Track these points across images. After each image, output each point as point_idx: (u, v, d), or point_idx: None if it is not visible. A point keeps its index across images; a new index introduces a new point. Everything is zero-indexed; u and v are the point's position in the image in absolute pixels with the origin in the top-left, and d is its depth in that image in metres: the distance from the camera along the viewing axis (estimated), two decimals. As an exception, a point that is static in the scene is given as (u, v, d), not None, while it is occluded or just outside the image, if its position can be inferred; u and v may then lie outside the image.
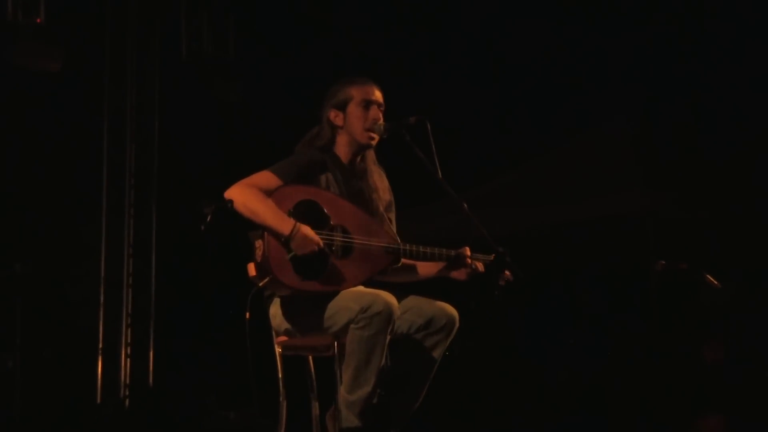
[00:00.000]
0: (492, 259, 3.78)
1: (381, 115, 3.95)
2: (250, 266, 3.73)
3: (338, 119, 3.95)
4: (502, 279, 3.76)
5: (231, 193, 3.74)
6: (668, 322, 6.77)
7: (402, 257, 3.87)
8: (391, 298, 3.65)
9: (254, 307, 3.73)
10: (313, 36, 7.50)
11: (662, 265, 5.34)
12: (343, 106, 3.95)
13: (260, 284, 3.71)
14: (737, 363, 6.07)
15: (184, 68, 7.43)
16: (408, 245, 3.85)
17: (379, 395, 3.71)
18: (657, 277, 5.94)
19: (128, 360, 7.20)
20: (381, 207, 3.97)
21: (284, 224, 3.67)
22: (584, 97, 7.38)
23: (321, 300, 3.74)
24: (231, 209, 3.72)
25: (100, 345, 7.17)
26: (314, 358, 4.00)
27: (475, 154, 7.31)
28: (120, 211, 7.35)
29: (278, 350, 3.92)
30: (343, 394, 3.68)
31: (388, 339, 3.66)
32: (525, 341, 7.29)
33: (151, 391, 7.22)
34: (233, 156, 6.99)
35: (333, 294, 3.73)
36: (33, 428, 6.43)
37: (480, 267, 3.92)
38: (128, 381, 7.16)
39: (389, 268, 3.88)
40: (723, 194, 6.93)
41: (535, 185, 7.49)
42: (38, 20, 6.67)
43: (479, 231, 3.70)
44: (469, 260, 3.90)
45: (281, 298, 3.85)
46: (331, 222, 3.79)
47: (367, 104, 3.94)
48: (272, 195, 3.73)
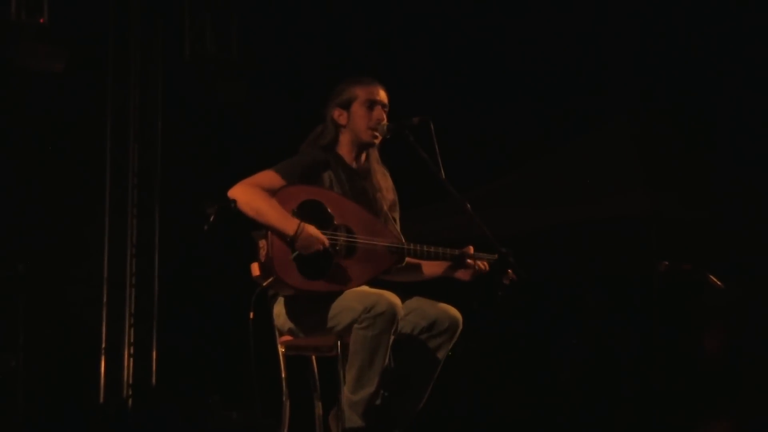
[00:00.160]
0: (495, 259, 3.78)
1: (385, 116, 3.95)
2: (254, 266, 3.73)
3: (342, 118, 3.95)
4: (506, 279, 3.76)
5: (234, 193, 3.73)
6: (671, 323, 6.76)
7: (406, 257, 3.87)
8: (395, 299, 3.65)
9: (258, 307, 3.73)
10: (316, 36, 7.50)
11: (665, 266, 5.33)
12: (348, 106, 3.94)
13: (264, 284, 3.71)
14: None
15: (188, 68, 7.43)
16: (412, 245, 3.85)
17: (383, 396, 3.70)
18: (660, 278, 5.92)
19: (131, 360, 7.20)
20: (385, 206, 3.96)
21: (289, 224, 3.66)
22: (584, 98, 7.37)
23: (324, 300, 3.74)
24: (234, 209, 3.72)
25: (103, 345, 7.17)
26: (317, 358, 4.00)
27: (477, 155, 7.30)
28: (123, 211, 7.35)
29: (281, 350, 3.91)
30: (347, 394, 3.68)
31: (392, 339, 3.66)
32: (527, 342, 7.28)
33: (154, 391, 7.21)
34: (236, 156, 6.99)
35: (337, 294, 3.72)
36: (36, 428, 6.43)
37: (483, 266, 3.91)
38: (131, 381, 7.16)
39: (393, 268, 3.88)
40: (724, 194, 6.92)
41: (538, 186, 7.48)
42: (41, 20, 6.66)
43: (482, 231, 3.70)
44: (473, 260, 3.90)
45: (285, 298, 3.85)
46: (335, 222, 3.79)
47: (372, 104, 3.94)
48: (276, 195, 3.72)
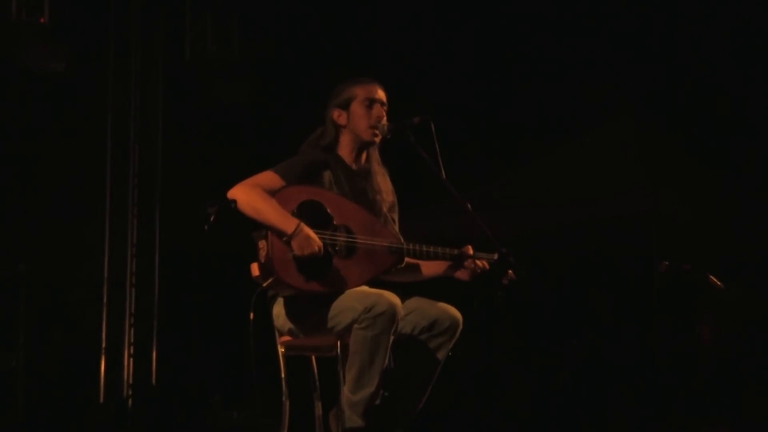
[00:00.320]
0: (495, 259, 3.78)
1: (384, 114, 3.95)
2: (254, 266, 3.73)
3: (342, 118, 3.95)
4: (506, 279, 3.76)
5: (234, 193, 3.73)
6: (671, 323, 6.76)
7: (405, 257, 3.87)
8: (395, 299, 3.65)
9: (257, 307, 3.73)
10: (316, 36, 7.50)
11: (665, 266, 5.32)
12: (347, 105, 3.95)
13: (264, 284, 3.70)
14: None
15: (188, 68, 7.43)
16: (411, 245, 3.85)
17: (383, 396, 3.70)
18: (660, 278, 5.92)
19: (131, 360, 7.19)
20: (384, 208, 3.97)
21: (288, 223, 3.66)
22: (584, 98, 7.36)
23: (324, 300, 3.73)
24: (234, 209, 3.72)
25: (103, 344, 7.16)
26: (317, 358, 4.00)
27: (478, 155, 7.30)
28: (123, 211, 7.34)
29: (281, 350, 3.91)
30: (347, 394, 3.68)
31: (392, 339, 3.65)
32: (528, 342, 7.28)
33: (154, 391, 7.21)
34: (236, 156, 6.98)
35: (337, 294, 3.72)
36: (36, 428, 6.43)
37: (484, 265, 3.91)
38: (131, 381, 7.16)
39: (393, 268, 3.87)
40: (725, 194, 6.92)
41: (538, 186, 7.48)
42: (42, 20, 6.66)
43: (483, 231, 3.70)
44: (473, 259, 3.90)
45: (284, 298, 3.84)
46: (335, 222, 3.79)
47: (371, 103, 3.94)
48: (276, 195, 3.72)
